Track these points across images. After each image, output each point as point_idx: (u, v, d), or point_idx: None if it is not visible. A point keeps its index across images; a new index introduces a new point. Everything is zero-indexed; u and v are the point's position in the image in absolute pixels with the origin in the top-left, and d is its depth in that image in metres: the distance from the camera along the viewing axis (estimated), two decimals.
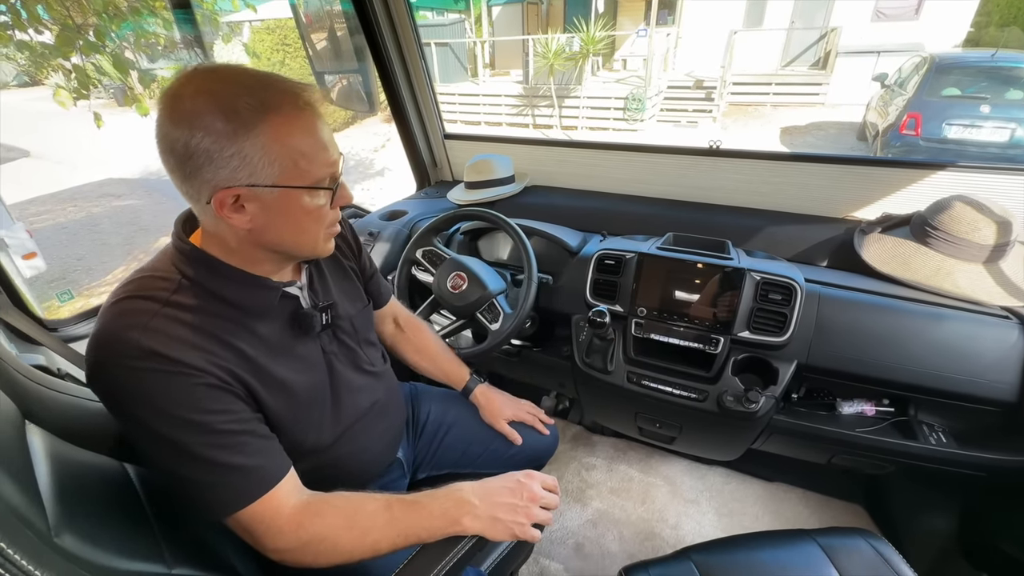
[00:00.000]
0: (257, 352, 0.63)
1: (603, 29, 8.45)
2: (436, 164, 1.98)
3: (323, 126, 0.60)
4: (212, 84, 0.54)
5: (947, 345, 1.00)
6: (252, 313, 0.64)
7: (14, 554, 0.37)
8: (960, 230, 1.07)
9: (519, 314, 1.19)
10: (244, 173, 0.55)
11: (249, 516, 0.58)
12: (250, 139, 0.54)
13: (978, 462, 1.01)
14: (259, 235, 0.61)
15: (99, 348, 0.55)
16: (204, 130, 0.52)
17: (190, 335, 0.57)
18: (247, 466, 0.58)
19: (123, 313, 0.57)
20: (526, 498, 0.66)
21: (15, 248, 1.26)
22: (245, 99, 0.54)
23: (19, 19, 1.97)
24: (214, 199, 0.55)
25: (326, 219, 0.65)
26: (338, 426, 0.76)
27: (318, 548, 0.60)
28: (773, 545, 0.88)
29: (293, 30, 8.45)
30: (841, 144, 6.93)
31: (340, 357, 0.77)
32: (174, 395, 0.55)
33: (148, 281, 0.60)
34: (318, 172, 0.60)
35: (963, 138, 4.53)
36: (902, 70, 5.57)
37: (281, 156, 0.56)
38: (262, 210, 0.58)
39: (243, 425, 0.59)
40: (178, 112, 0.53)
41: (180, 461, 0.56)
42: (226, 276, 0.62)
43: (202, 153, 0.53)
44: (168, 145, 0.54)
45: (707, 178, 1.47)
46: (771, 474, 1.56)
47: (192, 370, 0.56)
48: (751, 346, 1.10)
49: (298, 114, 0.57)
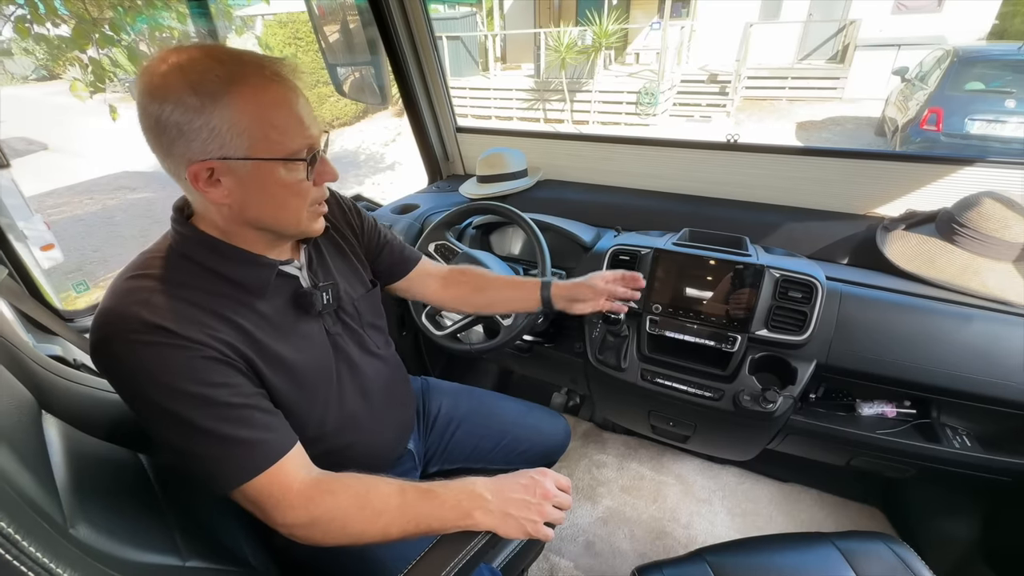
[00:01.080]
0: (258, 329, 0.64)
1: (616, 22, 8.35)
2: (448, 158, 1.96)
3: (296, 99, 0.59)
4: (183, 59, 0.54)
5: (973, 346, 0.97)
6: (251, 291, 0.65)
7: (29, 546, 0.36)
8: (989, 227, 1.04)
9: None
10: (214, 146, 0.55)
11: (257, 489, 0.58)
12: (217, 111, 0.54)
13: (1004, 467, 0.98)
14: (240, 211, 0.61)
15: (103, 325, 0.56)
16: (174, 103, 0.53)
17: (190, 310, 0.58)
18: (251, 439, 0.58)
19: (126, 291, 0.58)
20: (539, 495, 0.65)
21: (34, 239, 1.27)
22: (214, 72, 0.54)
23: (37, 12, 1.99)
24: (188, 172, 0.56)
25: (308, 195, 0.64)
26: (345, 407, 0.76)
27: (328, 526, 0.60)
28: (790, 548, 0.87)
29: (305, 24, 8.47)
30: (859, 140, 6.79)
31: (345, 338, 0.77)
32: (175, 368, 0.55)
33: (150, 260, 0.61)
34: (291, 144, 0.59)
35: (987, 133, 4.40)
36: (923, 64, 5.44)
37: (250, 127, 0.56)
38: (238, 184, 0.58)
39: (245, 399, 0.60)
40: (151, 86, 0.54)
41: (184, 435, 0.56)
42: (222, 254, 0.63)
43: (173, 126, 0.54)
44: (145, 122, 0.55)
45: (724, 173, 1.44)
46: (786, 474, 1.53)
47: (192, 343, 0.56)
48: (769, 345, 1.08)
49: (267, 85, 0.56)
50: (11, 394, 0.55)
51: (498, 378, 1.93)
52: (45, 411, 0.60)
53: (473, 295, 1.03)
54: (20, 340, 0.70)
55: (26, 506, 0.40)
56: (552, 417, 1.14)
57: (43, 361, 0.68)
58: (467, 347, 1.28)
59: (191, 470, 0.59)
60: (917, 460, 1.05)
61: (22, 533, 0.36)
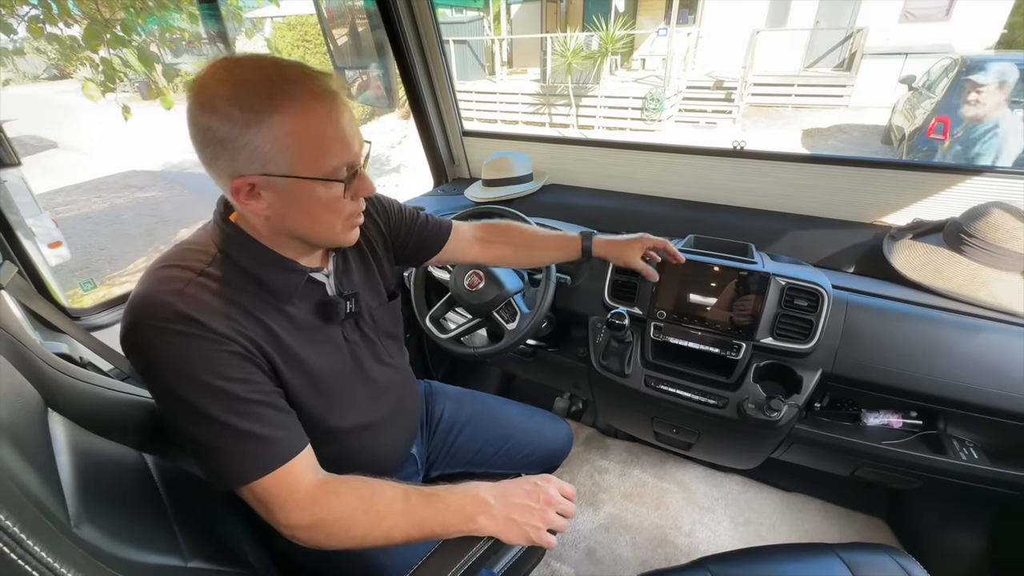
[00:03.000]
0: (283, 331, 0.65)
1: (622, 28, 8.36)
2: (454, 161, 1.97)
3: (340, 116, 0.59)
4: (232, 73, 0.56)
5: (981, 357, 0.96)
6: (280, 294, 0.66)
7: (34, 545, 0.36)
8: (998, 238, 1.03)
9: (536, 314, 1.18)
10: (257, 163, 0.56)
11: (265, 488, 0.59)
12: (262, 130, 0.55)
13: (1011, 479, 0.97)
14: (278, 222, 0.63)
15: (136, 310, 0.58)
16: (220, 117, 0.54)
17: (221, 305, 0.59)
18: (265, 436, 0.59)
19: (161, 279, 0.59)
20: (543, 501, 0.65)
21: (41, 237, 1.28)
22: (260, 89, 0.55)
23: (50, 13, 2.01)
24: (231, 186, 0.58)
25: (343, 211, 0.65)
26: (356, 413, 0.77)
27: (332, 528, 0.60)
28: (794, 558, 0.86)
29: (313, 26, 8.53)
30: (865, 148, 6.76)
31: (361, 347, 0.78)
32: (200, 359, 0.56)
33: (187, 253, 0.63)
34: (331, 163, 0.60)
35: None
36: (931, 72, 5.41)
37: (292, 146, 0.56)
38: (277, 198, 0.60)
39: (263, 396, 0.61)
40: (201, 99, 0.55)
41: (200, 426, 0.57)
42: (257, 256, 0.64)
43: (219, 140, 0.55)
44: (192, 131, 0.56)
45: (730, 180, 1.44)
46: (790, 484, 1.52)
47: (219, 337, 0.58)
48: (774, 353, 1.07)
49: (311, 104, 0.57)
50: (18, 391, 0.56)
51: (501, 382, 1.93)
52: (51, 409, 0.60)
53: (516, 252, 1.07)
54: (27, 337, 0.71)
55: (31, 504, 0.40)
56: (555, 422, 1.14)
57: (50, 359, 0.69)
58: (471, 351, 1.28)
59: (202, 463, 0.60)
60: (923, 472, 1.04)
61: (27, 532, 0.36)
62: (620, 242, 1.05)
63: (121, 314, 1.08)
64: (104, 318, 1.08)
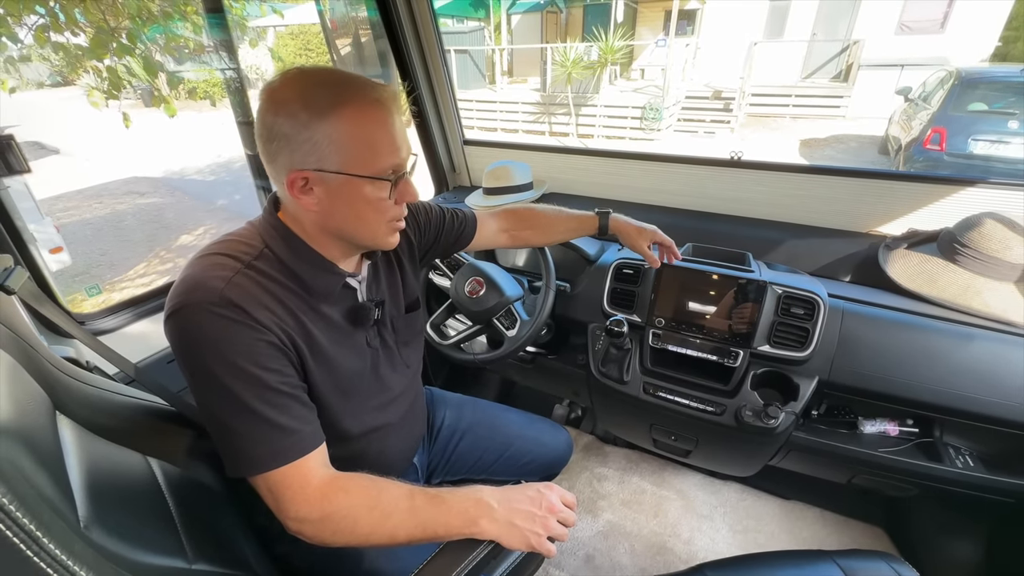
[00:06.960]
0: (317, 329, 0.68)
1: (622, 39, 8.46)
2: (455, 169, 1.99)
3: (392, 122, 0.64)
4: (301, 78, 0.61)
5: (975, 365, 0.97)
6: (318, 294, 0.69)
7: (49, 543, 0.37)
8: (991, 248, 1.05)
9: (536, 321, 1.19)
10: (313, 158, 0.60)
11: (279, 478, 0.60)
12: (321, 128, 0.59)
13: (1007, 488, 0.98)
14: (325, 218, 0.66)
15: (185, 292, 0.60)
16: (286, 116, 0.59)
17: (264, 297, 0.63)
18: (288, 427, 0.61)
19: (211, 265, 0.62)
20: (544, 508, 0.66)
21: (43, 242, 1.29)
22: (324, 91, 0.60)
23: (57, 22, 2.04)
24: (287, 179, 0.61)
25: (387, 213, 0.68)
26: (370, 417, 0.78)
27: (338, 524, 0.61)
28: (791, 565, 0.86)
29: (316, 35, 8.60)
30: (862, 158, 6.82)
31: (380, 354, 0.80)
32: (240, 345, 0.59)
33: (235, 244, 0.66)
34: (380, 164, 0.63)
35: (990, 154, 4.42)
36: (927, 84, 5.48)
37: (347, 145, 0.60)
38: (327, 194, 0.63)
39: (291, 389, 0.63)
40: (272, 100, 0.60)
41: (229, 408, 0.59)
42: (300, 254, 0.67)
43: (282, 136, 0.60)
44: (259, 129, 0.61)
45: (728, 189, 1.46)
46: (788, 491, 1.53)
47: (260, 326, 0.61)
48: (771, 360, 1.08)
49: (367, 108, 0.61)
50: (29, 394, 0.56)
51: (500, 388, 1.94)
52: (60, 412, 0.61)
53: (539, 237, 1.12)
54: (36, 341, 0.71)
55: (44, 504, 0.41)
56: (555, 429, 1.15)
57: (58, 363, 0.69)
58: (471, 357, 1.29)
59: (223, 446, 0.62)
60: (919, 479, 1.05)
61: (43, 530, 0.37)
62: (634, 226, 1.09)
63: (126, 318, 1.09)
64: (109, 323, 1.09)
